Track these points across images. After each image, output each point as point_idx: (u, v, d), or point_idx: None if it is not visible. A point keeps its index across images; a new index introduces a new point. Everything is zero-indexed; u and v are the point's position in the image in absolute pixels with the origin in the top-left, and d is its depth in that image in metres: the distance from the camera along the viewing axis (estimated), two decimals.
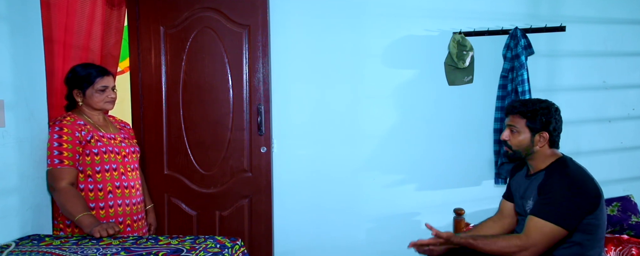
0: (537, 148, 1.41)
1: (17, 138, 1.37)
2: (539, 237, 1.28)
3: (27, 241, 1.32)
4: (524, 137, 1.41)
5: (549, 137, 1.40)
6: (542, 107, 1.40)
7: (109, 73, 1.61)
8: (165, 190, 2.23)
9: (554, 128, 1.41)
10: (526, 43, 2.01)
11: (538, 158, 1.43)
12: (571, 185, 1.31)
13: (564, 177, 1.34)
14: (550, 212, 1.29)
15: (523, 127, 1.41)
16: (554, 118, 1.41)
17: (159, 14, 2.18)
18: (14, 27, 1.36)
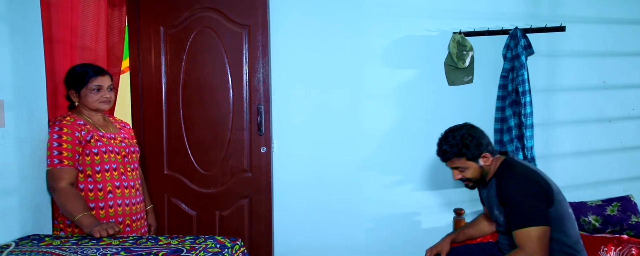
0: (488, 167, 1.49)
1: (17, 138, 1.37)
2: (533, 244, 1.31)
3: (27, 241, 1.32)
4: (473, 169, 1.48)
5: (489, 152, 1.47)
6: (464, 138, 1.45)
7: (105, 72, 1.59)
8: (165, 190, 2.23)
9: (486, 144, 1.47)
10: (526, 43, 2.01)
11: (490, 172, 1.51)
12: (524, 185, 1.37)
13: (514, 181, 1.39)
14: (525, 218, 1.32)
15: (465, 162, 1.47)
16: (478, 138, 1.46)
17: (159, 14, 2.18)
18: (13, 27, 1.35)
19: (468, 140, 1.44)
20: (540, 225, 1.31)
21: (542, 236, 1.31)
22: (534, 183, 1.37)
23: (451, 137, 1.47)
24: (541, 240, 1.31)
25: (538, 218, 1.32)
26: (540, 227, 1.31)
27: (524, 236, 1.32)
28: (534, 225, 1.31)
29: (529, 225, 1.31)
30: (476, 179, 1.51)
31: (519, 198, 1.35)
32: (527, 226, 1.31)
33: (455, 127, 1.51)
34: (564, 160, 2.13)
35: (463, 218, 2.08)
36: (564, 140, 2.13)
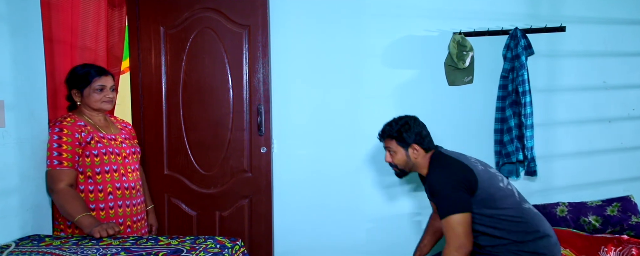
0: (415, 160, 1.57)
1: (18, 138, 1.37)
2: (455, 232, 1.39)
3: (27, 242, 1.32)
4: (400, 155, 1.58)
5: (420, 146, 1.55)
6: (402, 125, 1.57)
7: (108, 73, 1.61)
8: (165, 190, 2.23)
9: (419, 136, 1.56)
10: (526, 43, 2.01)
11: (421, 167, 1.58)
12: (444, 177, 1.46)
13: (436, 174, 1.49)
14: (447, 207, 1.42)
15: (396, 146, 1.58)
16: (415, 129, 1.56)
17: (159, 14, 2.18)
18: (14, 27, 1.36)
19: (405, 127, 1.56)
20: (460, 212, 1.40)
21: (462, 223, 1.39)
22: (453, 174, 1.45)
23: (394, 120, 1.60)
24: (461, 226, 1.39)
25: (457, 206, 1.40)
26: (460, 214, 1.40)
27: (447, 225, 1.41)
28: (454, 212, 1.40)
29: (450, 213, 1.40)
30: (402, 168, 1.60)
31: (441, 189, 1.44)
32: (449, 214, 1.40)
33: (404, 115, 1.62)
34: (564, 161, 2.13)
35: None
36: (564, 141, 2.13)
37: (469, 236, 1.40)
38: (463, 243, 1.39)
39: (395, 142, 1.58)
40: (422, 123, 1.61)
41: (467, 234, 1.40)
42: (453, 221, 1.40)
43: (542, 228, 1.47)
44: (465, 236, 1.39)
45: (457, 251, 1.39)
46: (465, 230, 1.40)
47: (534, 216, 1.48)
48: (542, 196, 2.15)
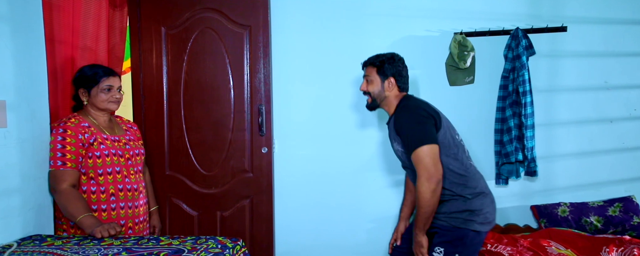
0: (388, 93, 1.61)
1: (19, 138, 1.37)
2: (425, 163, 1.42)
3: (29, 242, 1.32)
4: (376, 85, 1.62)
5: (396, 81, 1.60)
6: (387, 57, 1.62)
7: (116, 73, 1.62)
8: (166, 190, 2.23)
9: (399, 73, 1.61)
10: (527, 43, 2.01)
11: (390, 103, 1.62)
12: (412, 113, 1.50)
13: (405, 111, 1.53)
14: (415, 140, 1.45)
15: (375, 75, 1.62)
16: (397, 65, 1.61)
17: (160, 15, 2.18)
18: (15, 28, 1.36)
19: (390, 60, 1.61)
20: (427, 144, 1.43)
21: (429, 154, 1.43)
22: (421, 110, 1.50)
23: (382, 53, 1.65)
24: (429, 157, 1.43)
25: (425, 138, 1.44)
26: (427, 145, 1.43)
27: (417, 158, 1.44)
28: (422, 144, 1.43)
29: (418, 145, 1.43)
30: (374, 97, 1.63)
31: (409, 124, 1.48)
32: (418, 146, 1.43)
33: (394, 52, 1.66)
34: (566, 161, 2.13)
35: None
36: (565, 141, 2.13)
37: (437, 166, 1.43)
38: (432, 173, 1.42)
39: (376, 71, 1.62)
40: (407, 67, 1.65)
41: (436, 164, 1.43)
42: (421, 153, 1.43)
43: (480, 186, 1.53)
44: (434, 166, 1.42)
45: (428, 181, 1.42)
46: (434, 161, 1.43)
47: (475, 174, 1.55)
48: (543, 196, 2.15)
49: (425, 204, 1.44)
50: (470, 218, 1.48)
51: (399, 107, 1.58)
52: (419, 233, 1.50)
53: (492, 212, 1.53)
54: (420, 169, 1.43)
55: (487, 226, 1.51)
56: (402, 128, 1.50)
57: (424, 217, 1.46)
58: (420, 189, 1.43)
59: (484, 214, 1.49)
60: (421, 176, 1.43)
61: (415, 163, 1.45)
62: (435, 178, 1.42)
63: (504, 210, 2.18)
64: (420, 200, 1.44)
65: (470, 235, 1.48)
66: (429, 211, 1.45)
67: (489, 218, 1.51)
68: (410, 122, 1.48)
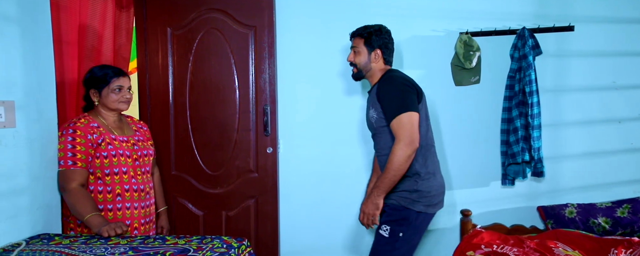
0: (374, 65, 1.65)
1: (28, 138, 1.39)
2: (405, 130, 1.46)
3: (38, 240, 1.33)
4: (363, 56, 1.66)
5: (382, 53, 1.64)
6: (375, 29, 1.65)
7: (125, 74, 1.64)
8: (172, 190, 2.24)
9: (385, 45, 1.65)
10: (534, 43, 2.00)
11: (374, 74, 1.66)
12: (397, 82, 1.54)
13: (390, 81, 1.56)
14: (396, 107, 1.49)
15: (362, 46, 1.66)
16: (384, 37, 1.65)
17: (166, 16, 2.19)
18: (24, 29, 1.37)
19: (377, 32, 1.64)
20: (408, 111, 1.47)
21: (412, 121, 1.47)
22: (406, 81, 1.55)
23: (370, 25, 1.67)
24: (411, 124, 1.47)
25: (407, 106, 1.48)
26: (410, 113, 1.47)
27: (399, 123, 1.47)
28: (403, 112, 1.47)
29: (399, 112, 1.47)
30: (360, 68, 1.67)
31: (394, 92, 1.52)
32: (398, 113, 1.47)
33: (381, 24, 1.69)
34: (573, 161, 2.11)
35: (470, 220, 2.06)
36: (572, 141, 2.11)
37: (417, 134, 1.47)
38: (413, 139, 1.45)
39: (363, 42, 1.65)
40: (393, 40, 1.69)
41: (416, 131, 1.47)
42: (404, 118, 1.46)
43: (434, 167, 1.60)
44: (415, 131, 1.46)
45: (407, 146, 1.45)
46: (415, 127, 1.47)
47: (434, 155, 1.63)
48: (550, 197, 2.13)
49: (396, 167, 1.46)
50: (418, 199, 1.53)
51: (384, 78, 1.61)
52: (380, 194, 1.52)
53: (439, 195, 1.59)
54: (401, 134, 1.46)
55: (433, 208, 1.57)
56: (385, 96, 1.53)
57: (391, 181, 1.49)
58: (397, 152, 1.46)
59: (431, 196, 1.55)
60: (401, 140, 1.45)
61: (396, 129, 1.48)
62: (414, 145, 1.46)
63: (510, 210, 2.16)
64: (393, 163, 1.46)
65: (414, 216, 1.54)
66: (397, 176, 1.49)
67: (434, 201, 1.57)
68: (395, 90, 1.51)
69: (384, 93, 1.53)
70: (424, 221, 1.58)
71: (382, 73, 1.64)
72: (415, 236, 1.57)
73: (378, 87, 1.59)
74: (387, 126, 1.54)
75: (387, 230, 1.56)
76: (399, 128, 1.47)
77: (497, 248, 1.77)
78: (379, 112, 1.56)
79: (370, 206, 1.53)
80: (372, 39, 1.63)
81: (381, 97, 1.55)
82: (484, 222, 2.12)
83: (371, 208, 1.53)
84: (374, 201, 1.53)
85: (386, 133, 1.57)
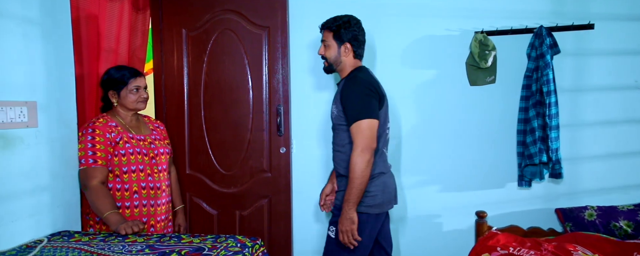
0: (344, 59, 1.62)
1: (49, 138, 1.43)
2: (362, 136, 1.47)
3: (58, 237, 1.37)
4: (333, 49, 1.62)
5: (352, 47, 1.61)
6: (344, 21, 1.61)
7: (141, 74, 1.68)
8: (187, 189, 2.27)
9: (355, 38, 1.61)
10: (552, 42, 1.96)
11: (344, 69, 1.63)
12: (361, 85, 1.51)
13: (354, 82, 1.54)
14: (359, 111, 1.49)
15: (331, 40, 1.62)
16: (353, 30, 1.61)
17: (181, 17, 2.22)
18: (45, 32, 1.41)
19: (346, 25, 1.60)
20: (369, 118, 1.48)
21: (370, 127, 1.48)
22: (370, 85, 1.52)
23: (339, 16, 1.64)
24: (369, 130, 1.48)
25: (369, 111, 1.48)
26: (370, 119, 1.48)
27: (358, 129, 1.48)
28: (363, 118, 1.48)
29: (360, 118, 1.48)
30: (331, 62, 1.64)
31: (356, 96, 1.51)
32: (359, 119, 1.48)
33: (351, 15, 1.66)
34: (593, 163, 2.06)
35: (485, 221, 2.03)
36: (592, 142, 2.06)
37: (374, 139, 1.49)
38: (369, 144, 1.47)
39: (332, 35, 1.61)
40: (364, 30, 1.65)
41: (374, 137, 1.49)
42: (363, 125, 1.47)
43: (379, 170, 1.57)
44: (371, 139, 1.48)
45: (364, 152, 1.46)
46: (372, 134, 1.48)
47: (385, 161, 1.62)
48: (569, 199, 2.08)
49: (359, 174, 1.46)
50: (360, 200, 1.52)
51: (350, 76, 1.58)
52: (351, 208, 1.48)
53: (382, 196, 1.56)
54: (358, 140, 1.47)
55: (375, 209, 1.55)
56: (348, 98, 1.52)
57: (358, 189, 1.47)
58: (356, 160, 1.46)
59: (372, 196, 1.53)
60: (358, 147, 1.47)
61: (355, 134, 1.49)
62: (371, 151, 1.47)
63: (526, 212, 2.12)
64: (355, 172, 1.46)
65: (356, 216, 1.50)
66: (363, 183, 1.48)
67: (377, 201, 1.54)
68: (358, 94, 1.50)
69: (347, 95, 1.52)
70: (368, 222, 1.55)
71: (352, 68, 1.62)
72: (361, 235, 1.52)
73: (342, 87, 1.57)
74: (345, 125, 1.55)
75: (333, 230, 1.57)
76: (357, 134, 1.48)
77: (513, 251, 1.74)
78: (340, 111, 1.56)
79: (345, 223, 1.49)
80: (341, 32, 1.59)
81: (344, 97, 1.53)
82: (499, 224, 2.09)
83: (347, 224, 1.48)
84: (348, 217, 1.48)
85: (343, 131, 1.57)
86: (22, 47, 1.32)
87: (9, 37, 1.28)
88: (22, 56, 1.32)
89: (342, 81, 1.62)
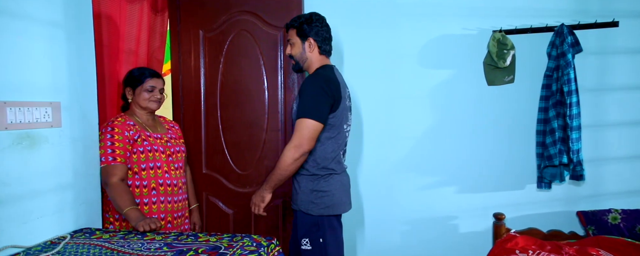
0: (309, 55, 1.63)
1: (72, 137, 1.47)
2: (301, 133, 1.48)
3: (81, 234, 1.41)
4: (297, 47, 1.63)
5: (316, 42, 1.61)
6: (306, 18, 1.61)
7: (160, 76, 1.73)
8: (203, 188, 2.30)
9: (317, 33, 1.61)
10: (573, 40, 1.90)
11: (311, 65, 1.64)
12: (319, 84, 1.51)
13: (313, 80, 1.53)
14: (308, 109, 1.48)
15: (295, 37, 1.63)
16: (315, 25, 1.61)
17: (199, 18, 2.26)
18: (69, 34, 1.45)
19: (308, 21, 1.60)
20: (314, 120, 1.47)
21: (311, 128, 1.48)
22: (327, 85, 1.51)
23: (304, 14, 1.65)
24: (309, 130, 1.48)
25: (316, 113, 1.48)
26: (314, 121, 1.48)
27: (298, 125, 1.49)
28: (308, 117, 1.47)
29: (306, 116, 1.48)
30: (297, 60, 1.65)
31: (309, 94, 1.50)
32: (303, 116, 1.48)
33: (316, 12, 1.66)
34: (617, 164, 1.99)
35: (503, 224, 1.99)
36: (616, 143, 1.99)
37: (311, 142, 1.50)
38: (302, 143, 1.49)
39: (296, 32, 1.62)
40: (329, 26, 1.66)
41: (310, 139, 1.49)
42: (305, 124, 1.48)
43: (334, 168, 1.60)
44: (307, 139, 1.48)
45: (296, 149, 1.49)
46: (311, 136, 1.49)
47: (340, 161, 1.63)
48: (591, 202, 2.02)
49: (284, 167, 1.52)
50: (315, 201, 1.57)
51: (315, 72, 1.60)
52: (266, 189, 1.59)
53: (337, 195, 1.58)
54: (295, 136, 1.49)
55: (334, 209, 1.57)
56: (302, 93, 1.53)
57: (278, 179, 1.55)
58: (286, 153, 1.50)
59: (330, 196, 1.56)
60: (292, 142, 1.50)
61: (295, 129, 1.51)
62: (303, 150, 1.49)
63: (546, 215, 2.07)
64: (281, 163, 1.52)
65: (319, 220, 1.56)
66: (284, 176, 1.54)
67: (334, 201, 1.57)
68: (312, 92, 1.50)
69: (303, 90, 1.53)
70: (331, 222, 1.59)
71: (319, 65, 1.63)
72: (333, 236, 1.59)
73: (303, 82, 1.58)
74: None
75: (307, 242, 1.58)
76: (296, 131, 1.50)
77: (532, 254, 1.70)
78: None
79: (257, 198, 1.62)
80: (304, 29, 1.60)
81: (301, 92, 1.55)
82: (518, 226, 2.05)
83: (258, 199, 1.62)
84: (261, 194, 1.61)
85: None
86: (47, 50, 1.37)
87: (36, 40, 1.33)
88: (47, 58, 1.37)
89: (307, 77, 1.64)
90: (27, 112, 1.29)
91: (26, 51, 1.29)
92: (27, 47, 1.30)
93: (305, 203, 1.58)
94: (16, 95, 1.25)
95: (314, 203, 1.57)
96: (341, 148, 1.62)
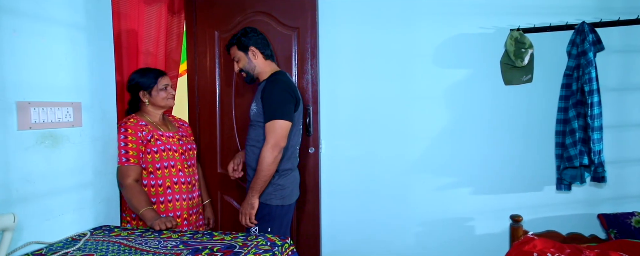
0: (256, 62, 1.78)
1: (92, 137, 1.50)
2: (276, 133, 1.63)
3: (100, 231, 1.44)
4: (243, 60, 1.78)
5: (258, 49, 1.76)
6: (241, 33, 1.77)
7: (164, 73, 1.76)
8: (218, 187, 2.33)
9: (256, 42, 1.76)
10: (594, 38, 1.85)
11: (262, 72, 1.79)
12: (282, 89, 1.67)
13: (275, 85, 1.68)
14: (273, 112, 1.64)
15: (238, 52, 1.78)
16: (252, 36, 1.76)
17: (214, 20, 2.28)
18: (89, 36, 1.49)
19: (243, 33, 1.76)
20: (284, 119, 1.64)
21: (284, 128, 1.65)
22: (288, 89, 1.68)
23: (236, 33, 1.79)
24: (282, 130, 1.65)
25: (285, 114, 1.65)
26: (284, 121, 1.64)
27: (271, 127, 1.64)
28: (277, 118, 1.64)
29: (274, 117, 1.64)
30: (247, 71, 1.79)
31: (276, 97, 1.65)
32: (273, 118, 1.64)
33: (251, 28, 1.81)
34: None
35: (521, 226, 1.95)
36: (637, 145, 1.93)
37: (284, 139, 1.66)
38: (279, 143, 1.64)
39: (237, 48, 1.77)
40: (263, 34, 1.82)
41: (285, 137, 1.65)
42: (277, 125, 1.63)
43: (290, 165, 1.77)
44: (282, 137, 1.64)
45: (273, 149, 1.63)
46: (284, 134, 1.65)
47: (294, 156, 1.80)
48: (613, 204, 1.97)
49: (266, 168, 1.64)
50: (274, 193, 1.72)
51: (271, 79, 1.72)
52: (254, 194, 1.68)
53: (290, 188, 1.77)
54: (270, 137, 1.63)
55: (289, 199, 1.77)
56: (268, 98, 1.66)
57: (263, 181, 1.66)
58: (265, 155, 1.63)
59: (285, 189, 1.74)
60: (268, 143, 1.63)
61: (268, 132, 1.64)
62: (279, 147, 1.64)
63: (565, 217, 2.02)
64: (262, 164, 1.64)
65: (274, 209, 1.73)
66: (268, 176, 1.66)
67: (287, 193, 1.75)
68: (277, 96, 1.66)
69: (267, 96, 1.66)
70: (283, 213, 1.76)
71: (271, 72, 1.77)
72: (281, 227, 1.75)
73: (264, 87, 1.70)
74: (262, 122, 1.69)
75: (255, 229, 1.73)
76: (269, 132, 1.64)
77: None
78: (260, 108, 1.70)
79: (246, 207, 1.70)
80: (242, 41, 1.75)
81: (264, 97, 1.68)
82: (536, 229, 2.00)
83: (247, 208, 1.69)
84: (249, 202, 1.69)
85: (260, 128, 1.71)
86: (69, 51, 1.40)
87: (58, 42, 1.36)
88: (69, 59, 1.40)
89: (263, 82, 1.75)
90: (49, 112, 1.33)
91: (49, 52, 1.33)
92: (50, 49, 1.33)
93: (264, 194, 1.73)
94: (39, 95, 1.29)
95: (273, 195, 1.73)
96: (296, 146, 1.80)
